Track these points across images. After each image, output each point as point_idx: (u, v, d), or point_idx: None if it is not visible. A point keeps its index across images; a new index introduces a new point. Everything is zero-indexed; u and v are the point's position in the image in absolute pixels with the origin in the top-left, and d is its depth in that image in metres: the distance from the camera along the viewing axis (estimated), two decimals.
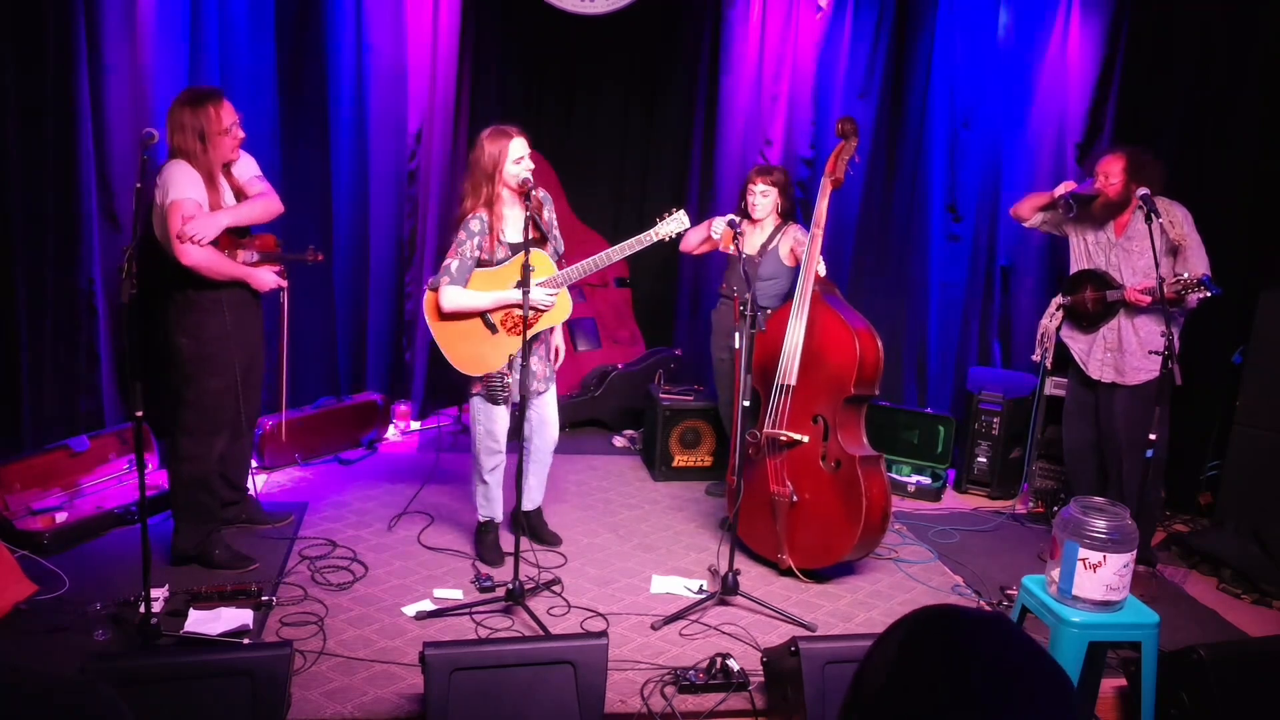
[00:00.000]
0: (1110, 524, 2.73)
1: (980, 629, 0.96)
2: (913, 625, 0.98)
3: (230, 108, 3.57)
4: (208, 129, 3.47)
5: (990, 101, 5.42)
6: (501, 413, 3.79)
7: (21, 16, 3.95)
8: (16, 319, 4.09)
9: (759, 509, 3.92)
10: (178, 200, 3.39)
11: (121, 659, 2.74)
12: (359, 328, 5.41)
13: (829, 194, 3.92)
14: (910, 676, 0.94)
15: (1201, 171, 4.91)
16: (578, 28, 5.45)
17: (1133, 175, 3.95)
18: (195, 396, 3.57)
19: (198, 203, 3.42)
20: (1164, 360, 3.63)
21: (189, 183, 3.42)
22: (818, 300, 3.86)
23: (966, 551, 4.29)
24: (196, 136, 3.46)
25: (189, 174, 3.44)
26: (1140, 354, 4.01)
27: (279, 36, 4.75)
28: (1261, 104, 4.73)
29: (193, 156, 3.46)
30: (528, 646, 2.85)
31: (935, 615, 0.99)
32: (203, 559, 3.62)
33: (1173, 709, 2.90)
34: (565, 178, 5.72)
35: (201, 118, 3.46)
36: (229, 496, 3.95)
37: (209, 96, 3.54)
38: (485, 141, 3.65)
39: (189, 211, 3.38)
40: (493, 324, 3.70)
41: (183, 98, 3.54)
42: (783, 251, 4.34)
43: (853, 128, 3.92)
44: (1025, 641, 0.96)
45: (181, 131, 3.46)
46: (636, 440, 5.46)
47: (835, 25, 5.50)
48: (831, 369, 3.79)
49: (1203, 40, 4.87)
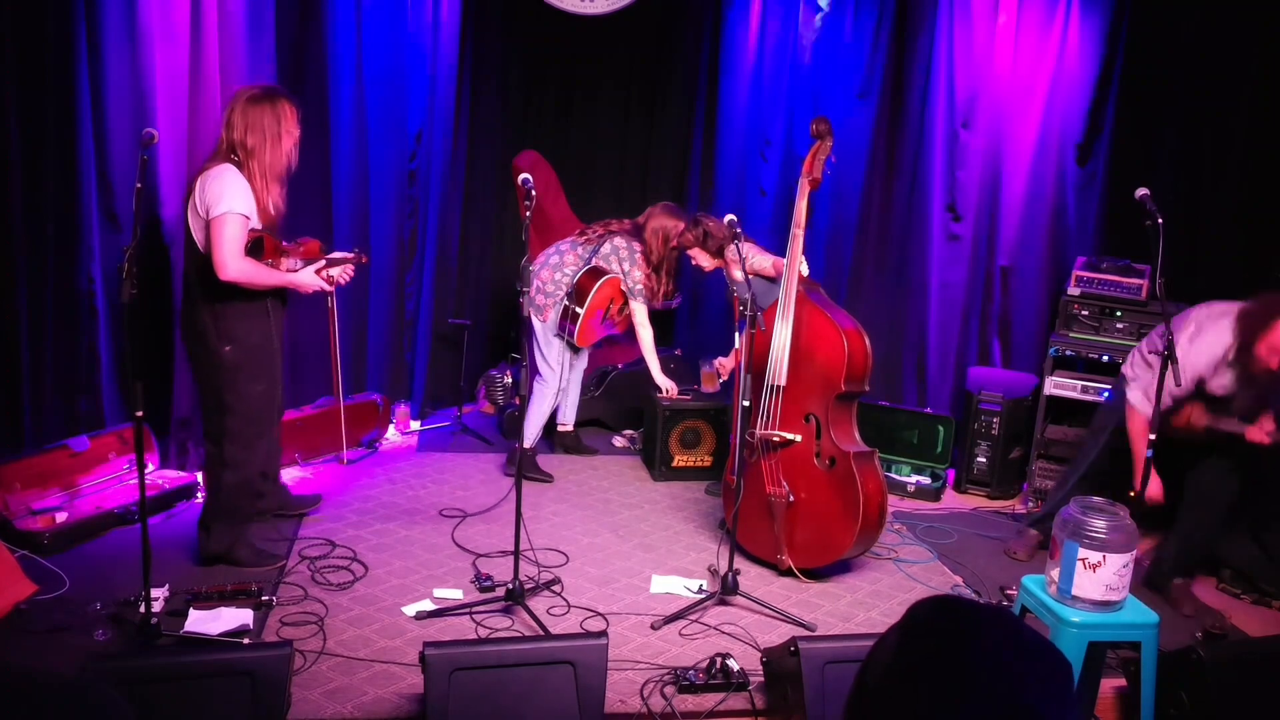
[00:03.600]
0: (1110, 524, 2.73)
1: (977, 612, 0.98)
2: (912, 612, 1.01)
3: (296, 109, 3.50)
4: (281, 128, 3.39)
5: (990, 101, 5.42)
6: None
7: (21, 16, 3.95)
8: (17, 319, 4.09)
9: (756, 511, 3.92)
10: (229, 214, 3.26)
11: (121, 659, 2.74)
12: (359, 328, 5.41)
13: (807, 194, 3.91)
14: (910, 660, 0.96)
15: (1201, 171, 4.92)
16: (578, 28, 5.45)
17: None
18: (239, 402, 3.49)
19: (247, 218, 3.31)
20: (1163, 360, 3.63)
21: (240, 194, 3.29)
22: (803, 300, 3.86)
23: (966, 551, 4.29)
24: (269, 135, 3.36)
25: (240, 184, 3.31)
26: None
27: (279, 36, 4.75)
28: (1261, 104, 4.73)
29: (257, 156, 3.35)
30: (528, 646, 2.85)
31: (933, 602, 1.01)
32: (230, 558, 3.62)
33: (1172, 709, 2.90)
34: (565, 178, 5.72)
35: (279, 115, 3.38)
36: (261, 488, 3.95)
37: (283, 94, 3.47)
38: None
39: (237, 229, 3.27)
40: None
41: (256, 94, 3.40)
42: (737, 275, 4.33)
43: (827, 128, 3.92)
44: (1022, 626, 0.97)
45: (255, 130, 3.34)
46: (636, 440, 5.46)
47: (835, 25, 5.50)
48: (821, 367, 3.80)
49: (1202, 40, 4.87)
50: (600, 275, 4.71)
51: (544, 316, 4.78)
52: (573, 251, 4.84)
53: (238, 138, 3.34)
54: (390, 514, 4.27)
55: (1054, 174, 5.31)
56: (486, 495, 4.55)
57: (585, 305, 4.67)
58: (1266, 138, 4.72)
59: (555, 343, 4.83)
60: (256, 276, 3.39)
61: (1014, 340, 5.53)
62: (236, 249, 3.29)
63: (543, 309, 4.78)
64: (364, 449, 5.08)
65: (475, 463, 5.01)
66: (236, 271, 3.30)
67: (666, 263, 4.74)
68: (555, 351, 4.84)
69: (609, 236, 4.80)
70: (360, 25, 5.03)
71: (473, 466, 4.95)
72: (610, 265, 4.75)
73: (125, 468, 4.21)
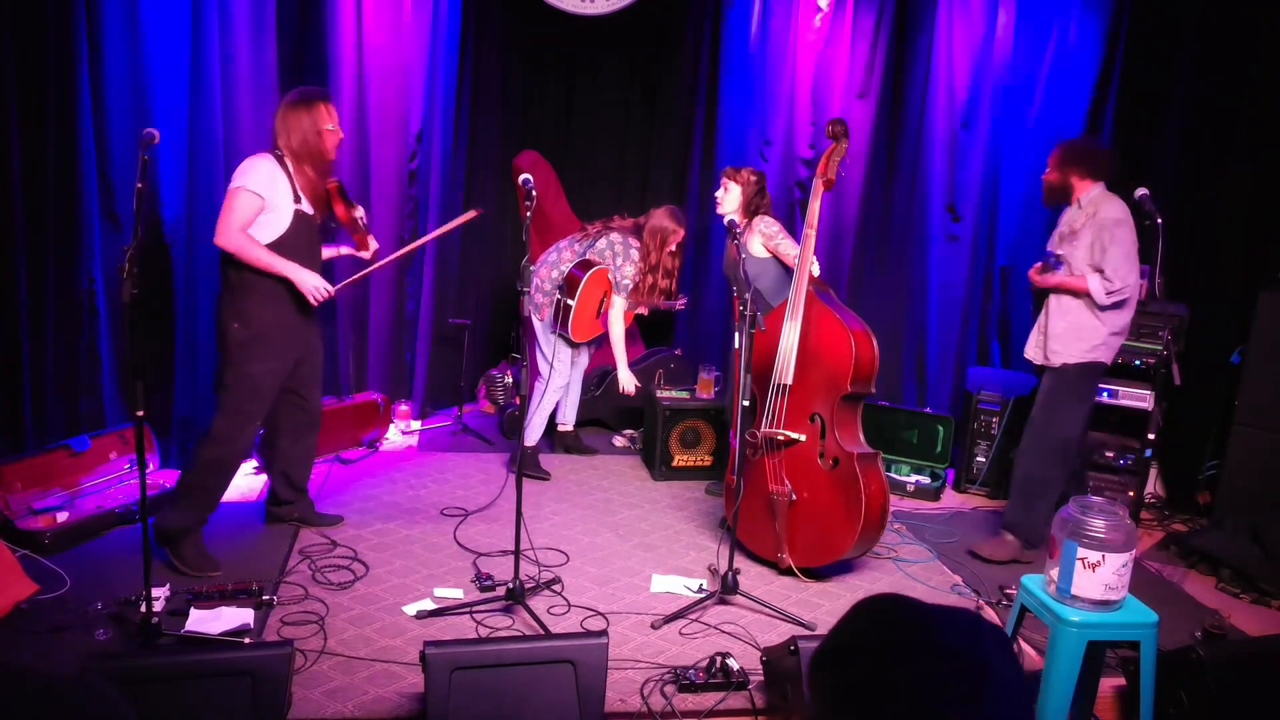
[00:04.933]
0: (1109, 524, 2.74)
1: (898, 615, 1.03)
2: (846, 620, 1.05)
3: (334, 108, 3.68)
4: (319, 125, 3.58)
5: (990, 101, 5.42)
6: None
7: (22, 16, 3.95)
8: (18, 319, 4.09)
9: (758, 509, 3.93)
10: (239, 189, 3.48)
11: (122, 658, 2.75)
12: (359, 328, 5.41)
13: (821, 194, 3.95)
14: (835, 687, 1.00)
15: (1200, 171, 4.92)
16: (578, 28, 5.45)
17: (1063, 166, 4.03)
18: (235, 380, 3.57)
19: (258, 197, 3.49)
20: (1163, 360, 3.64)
21: (263, 179, 3.50)
22: (813, 300, 3.88)
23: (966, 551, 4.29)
24: (308, 135, 3.56)
25: (268, 170, 3.52)
26: (1062, 338, 4.00)
27: (279, 36, 4.75)
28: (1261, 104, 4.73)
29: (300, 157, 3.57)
30: (528, 646, 2.85)
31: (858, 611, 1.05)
32: (173, 548, 3.55)
33: (1172, 708, 2.91)
34: (565, 178, 5.73)
35: (315, 115, 3.57)
36: (287, 495, 3.99)
37: (320, 95, 3.67)
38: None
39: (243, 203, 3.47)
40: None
41: (294, 99, 3.61)
42: (754, 248, 4.36)
43: (843, 130, 3.96)
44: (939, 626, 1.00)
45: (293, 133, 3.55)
46: (636, 440, 5.46)
47: (835, 25, 5.50)
48: (828, 367, 3.80)
49: (1202, 40, 4.87)
50: (590, 267, 4.73)
51: (542, 315, 4.79)
52: (570, 249, 4.86)
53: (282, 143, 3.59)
54: (391, 513, 4.28)
55: None
56: (487, 494, 4.55)
57: (575, 297, 4.68)
58: (1266, 138, 4.72)
59: (555, 340, 4.83)
60: (248, 252, 3.50)
61: (1014, 340, 5.53)
62: (236, 220, 3.48)
63: (541, 307, 4.79)
64: (365, 449, 5.09)
65: (476, 462, 5.02)
66: (229, 241, 3.48)
67: (663, 264, 4.74)
68: (554, 349, 4.84)
69: (606, 232, 4.82)
70: (360, 25, 5.03)
71: (473, 466, 4.96)
72: (604, 259, 4.76)
73: (126, 467, 4.22)
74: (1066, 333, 3.96)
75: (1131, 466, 4.73)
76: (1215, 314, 4.79)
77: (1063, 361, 3.98)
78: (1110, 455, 4.79)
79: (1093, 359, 3.94)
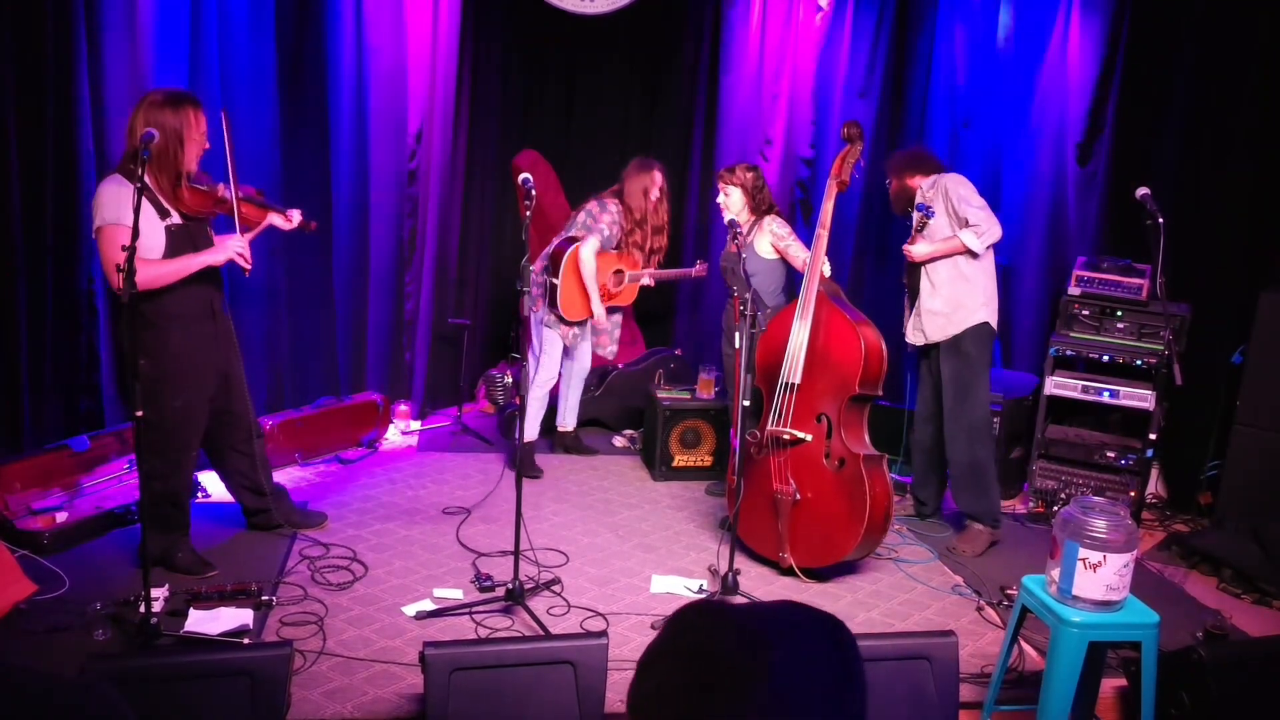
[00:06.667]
0: (1110, 524, 2.73)
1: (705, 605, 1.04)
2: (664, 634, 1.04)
3: (203, 117, 3.39)
4: (186, 134, 3.30)
5: (990, 101, 5.42)
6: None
7: (21, 16, 3.95)
8: (17, 319, 4.09)
9: (760, 508, 3.93)
10: (102, 228, 3.22)
11: (121, 659, 2.74)
12: (359, 328, 5.40)
13: (834, 196, 3.98)
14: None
15: (1201, 171, 4.91)
16: (578, 27, 5.45)
17: (899, 175, 4.34)
18: (159, 418, 3.31)
19: (125, 227, 3.06)
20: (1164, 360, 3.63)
21: (119, 206, 3.18)
22: (823, 300, 3.88)
23: None
24: (174, 139, 3.27)
25: (120, 194, 3.20)
26: (942, 312, 4.14)
27: (279, 36, 4.75)
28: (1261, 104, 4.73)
29: (161, 160, 3.26)
30: (528, 646, 2.85)
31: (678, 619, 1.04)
32: (166, 562, 3.55)
33: (1173, 709, 2.90)
34: (565, 177, 5.72)
35: (181, 120, 3.29)
36: (256, 504, 3.90)
37: (190, 99, 3.38)
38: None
39: (119, 240, 3.05)
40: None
41: (157, 98, 3.30)
42: (760, 247, 4.36)
43: (859, 132, 4.01)
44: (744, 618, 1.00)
45: (160, 133, 3.16)
46: (636, 440, 5.46)
47: (835, 25, 5.50)
48: (836, 368, 3.80)
49: (1203, 39, 4.86)
50: (573, 242, 4.74)
51: (537, 307, 4.81)
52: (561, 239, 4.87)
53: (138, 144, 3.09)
54: (390, 514, 4.27)
55: (1054, 174, 5.31)
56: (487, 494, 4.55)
57: (560, 274, 4.69)
58: (1266, 138, 4.72)
59: (550, 334, 4.83)
60: (156, 281, 3.23)
61: (1014, 340, 5.52)
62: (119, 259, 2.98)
63: (536, 300, 4.79)
64: (364, 449, 5.08)
65: (475, 462, 5.01)
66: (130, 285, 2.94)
67: (650, 218, 4.81)
68: (544, 342, 4.84)
69: (582, 207, 4.86)
70: (360, 25, 5.02)
71: (473, 466, 4.95)
72: (586, 230, 4.76)
73: (125, 468, 4.21)
74: (945, 305, 4.14)
75: (1133, 466, 4.72)
76: (1216, 314, 4.78)
77: (950, 334, 4.13)
78: (1111, 455, 4.78)
79: (978, 320, 4.12)
